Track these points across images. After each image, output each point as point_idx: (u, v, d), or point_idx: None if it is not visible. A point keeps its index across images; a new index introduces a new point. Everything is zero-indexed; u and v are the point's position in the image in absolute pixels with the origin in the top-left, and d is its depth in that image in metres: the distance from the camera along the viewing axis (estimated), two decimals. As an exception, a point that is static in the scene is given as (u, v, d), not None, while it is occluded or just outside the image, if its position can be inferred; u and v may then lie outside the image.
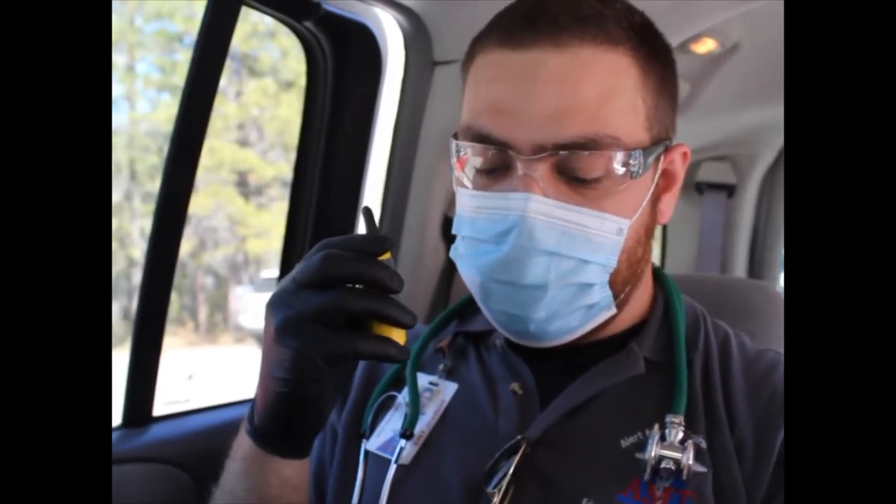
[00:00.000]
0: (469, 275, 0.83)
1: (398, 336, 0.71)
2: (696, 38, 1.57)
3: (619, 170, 0.77)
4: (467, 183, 0.82)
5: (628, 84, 0.78)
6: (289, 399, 0.73)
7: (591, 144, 0.76)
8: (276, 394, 0.73)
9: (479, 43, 0.82)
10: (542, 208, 0.76)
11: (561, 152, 0.76)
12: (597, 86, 0.76)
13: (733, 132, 2.28)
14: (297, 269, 0.71)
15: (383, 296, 0.70)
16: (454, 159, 0.83)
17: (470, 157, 0.81)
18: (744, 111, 2.11)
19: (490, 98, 0.79)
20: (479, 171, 0.81)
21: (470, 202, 0.81)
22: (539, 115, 0.76)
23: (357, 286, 0.70)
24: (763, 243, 2.56)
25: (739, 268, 2.51)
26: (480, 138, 0.79)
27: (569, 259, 0.78)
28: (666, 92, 0.83)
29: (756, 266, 2.56)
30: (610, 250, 0.79)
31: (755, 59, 1.71)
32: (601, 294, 0.81)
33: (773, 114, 2.12)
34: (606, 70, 0.77)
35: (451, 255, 0.86)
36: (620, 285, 0.82)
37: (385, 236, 0.72)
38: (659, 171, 0.83)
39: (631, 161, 0.77)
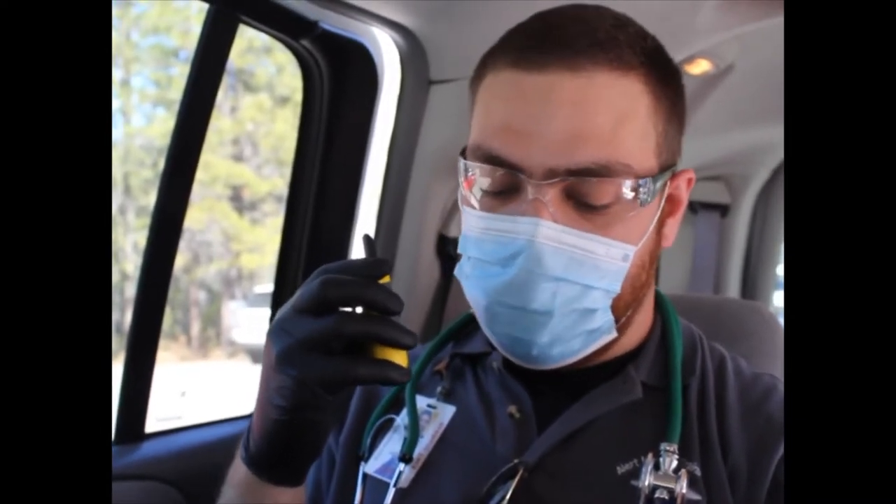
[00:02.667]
0: (474, 296, 0.82)
1: (399, 358, 0.69)
2: (691, 59, 1.58)
3: (629, 197, 0.77)
4: (474, 203, 0.81)
5: (641, 110, 0.78)
6: (287, 426, 0.72)
7: (603, 171, 0.75)
8: (274, 421, 0.72)
9: (490, 61, 0.81)
10: (551, 234, 0.75)
11: (572, 178, 0.75)
12: (611, 111, 0.76)
13: (727, 152, 2.29)
14: (297, 295, 0.71)
15: (382, 318, 0.69)
16: (462, 178, 0.82)
17: (478, 178, 0.80)
18: (738, 131, 2.12)
19: (502, 119, 0.78)
20: (486, 192, 0.80)
21: (477, 223, 0.80)
22: (552, 140, 0.75)
23: (357, 310, 0.70)
24: (756, 263, 2.57)
25: (733, 287, 2.52)
26: (490, 159, 0.78)
27: (574, 285, 0.77)
28: (675, 116, 0.83)
29: (749, 286, 2.56)
30: (614, 276, 0.78)
31: (749, 80, 1.72)
32: (603, 319, 0.80)
33: (766, 134, 2.13)
34: (620, 96, 0.76)
35: (457, 273, 0.84)
36: (622, 310, 0.82)
37: (383, 259, 0.71)
38: (665, 197, 0.83)
39: (640, 189, 0.77)
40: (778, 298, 2.71)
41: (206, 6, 1.25)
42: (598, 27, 0.77)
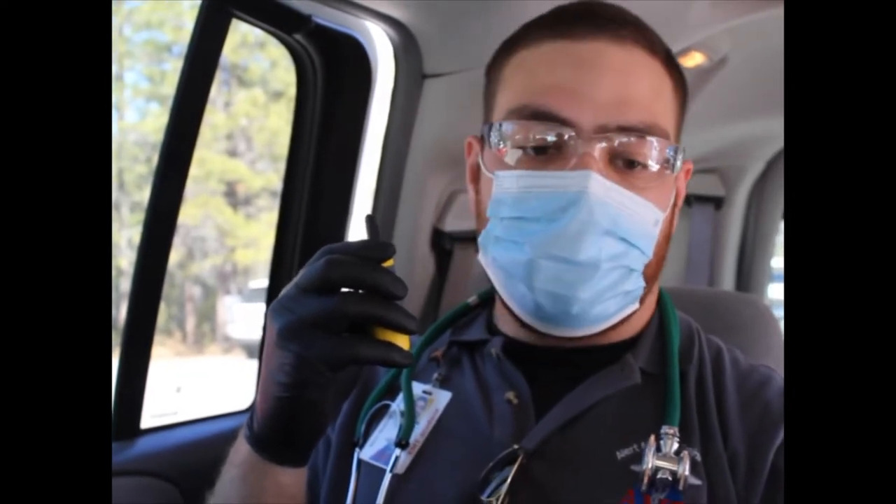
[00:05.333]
0: (510, 256, 0.82)
1: (401, 342, 0.70)
2: (685, 51, 1.58)
3: (662, 162, 0.82)
4: (511, 163, 0.83)
5: (667, 91, 0.86)
6: (289, 404, 0.72)
7: (648, 130, 0.81)
8: (277, 398, 0.72)
9: (521, 40, 0.87)
10: (600, 187, 0.78)
11: (621, 136, 0.80)
12: (649, 83, 0.83)
13: (721, 145, 2.29)
14: (300, 274, 0.71)
15: (385, 301, 0.69)
16: (496, 143, 0.84)
17: (514, 139, 0.83)
18: (732, 124, 2.12)
19: (551, 80, 0.82)
20: (525, 152, 0.82)
21: (517, 182, 0.82)
22: (603, 100, 0.80)
23: (360, 292, 0.70)
24: (751, 256, 2.57)
25: (727, 280, 2.52)
26: (540, 115, 0.81)
27: (619, 241, 0.80)
28: (683, 111, 0.90)
29: (744, 278, 2.57)
30: (648, 239, 0.83)
31: (743, 73, 1.72)
32: (637, 283, 0.83)
33: (760, 126, 2.13)
34: (653, 73, 0.84)
35: (481, 241, 0.86)
36: (648, 280, 0.85)
37: (388, 242, 0.71)
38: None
39: (673, 155, 0.83)
40: (773, 291, 2.71)
41: (198, 1, 1.25)
42: (629, 14, 0.86)
